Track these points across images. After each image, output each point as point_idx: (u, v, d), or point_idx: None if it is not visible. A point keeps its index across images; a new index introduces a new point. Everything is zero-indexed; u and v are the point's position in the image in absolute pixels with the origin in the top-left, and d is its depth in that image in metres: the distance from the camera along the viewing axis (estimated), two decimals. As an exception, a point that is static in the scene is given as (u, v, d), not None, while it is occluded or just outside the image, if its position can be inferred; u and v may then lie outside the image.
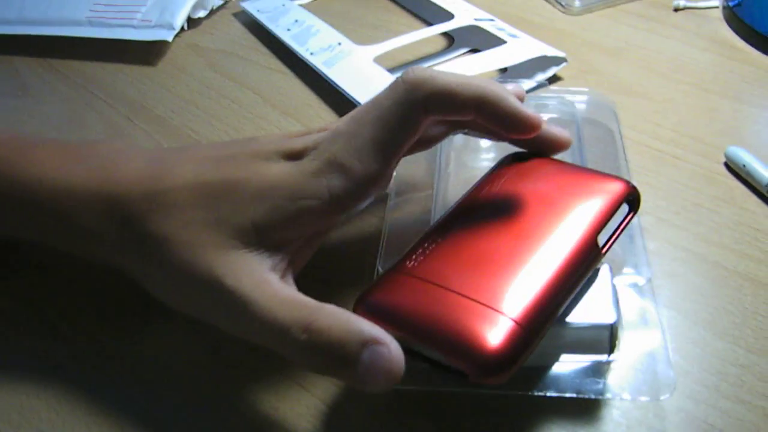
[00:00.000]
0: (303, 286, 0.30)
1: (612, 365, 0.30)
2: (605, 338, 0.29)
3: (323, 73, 0.50)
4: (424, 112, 0.30)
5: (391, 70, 0.49)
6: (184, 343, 0.33)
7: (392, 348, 0.25)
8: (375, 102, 0.31)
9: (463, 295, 0.27)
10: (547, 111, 0.43)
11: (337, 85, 0.48)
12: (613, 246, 0.30)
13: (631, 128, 0.44)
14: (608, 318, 0.29)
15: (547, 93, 0.45)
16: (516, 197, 0.31)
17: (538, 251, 0.28)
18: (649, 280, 0.33)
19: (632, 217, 0.31)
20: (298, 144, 0.31)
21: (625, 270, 0.33)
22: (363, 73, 0.49)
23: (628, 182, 0.31)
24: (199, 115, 0.49)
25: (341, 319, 0.26)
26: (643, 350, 0.30)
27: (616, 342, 0.29)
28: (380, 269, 0.33)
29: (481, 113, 0.30)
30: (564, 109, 0.43)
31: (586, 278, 0.29)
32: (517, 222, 0.30)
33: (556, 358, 0.30)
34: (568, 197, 0.31)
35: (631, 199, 0.31)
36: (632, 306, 0.32)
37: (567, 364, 0.30)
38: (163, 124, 0.48)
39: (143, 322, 0.34)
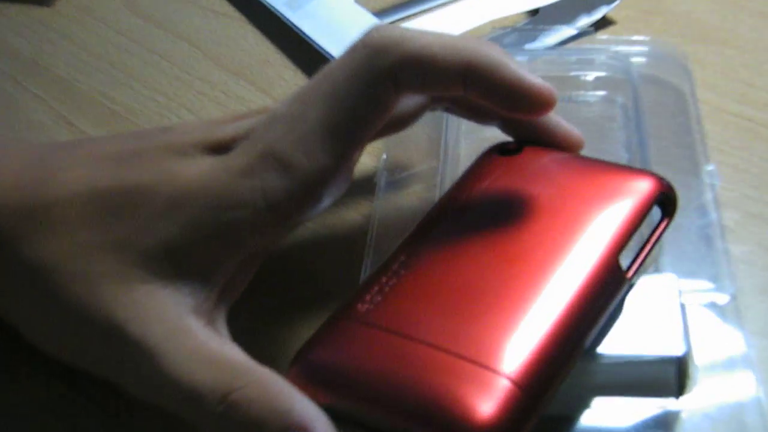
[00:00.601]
0: (254, 310, 0.29)
1: (682, 413, 0.30)
2: (671, 377, 0.30)
3: (286, 18, 0.50)
4: (393, 87, 0.30)
5: (379, 14, 0.49)
6: (68, 403, 0.33)
7: None
8: (327, 74, 0.31)
9: (437, 348, 0.26)
10: (593, 68, 0.43)
11: (306, 35, 0.48)
12: (683, 253, 0.30)
13: (709, 89, 0.44)
14: (675, 349, 0.29)
15: (594, 44, 0.46)
16: (506, 207, 0.31)
17: (539, 283, 0.28)
18: (734, 298, 0.33)
19: (667, 225, 0.31)
20: (225, 132, 0.31)
21: (700, 284, 0.33)
22: (340, 19, 0.49)
23: (659, 178, 0.32)
24: (115, 76, 0.49)
25: (269, 392, 0.26)
26: (725, 393, 0.30)
27: (687, 382, 0.30)
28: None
29: (470, 86, 0.30)
30: (616, 65, 0.43)
31: (606, 314, 0.29)
32: (508, 242, 0.30)
33: (597, 402, 0.30)
34: (577, 203, 0.31)
35: (664, 200, 0.31)
36: (709, 333, 0.32)
37: (621, 412, 0.30)
38: (65, 88, 0.48)
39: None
